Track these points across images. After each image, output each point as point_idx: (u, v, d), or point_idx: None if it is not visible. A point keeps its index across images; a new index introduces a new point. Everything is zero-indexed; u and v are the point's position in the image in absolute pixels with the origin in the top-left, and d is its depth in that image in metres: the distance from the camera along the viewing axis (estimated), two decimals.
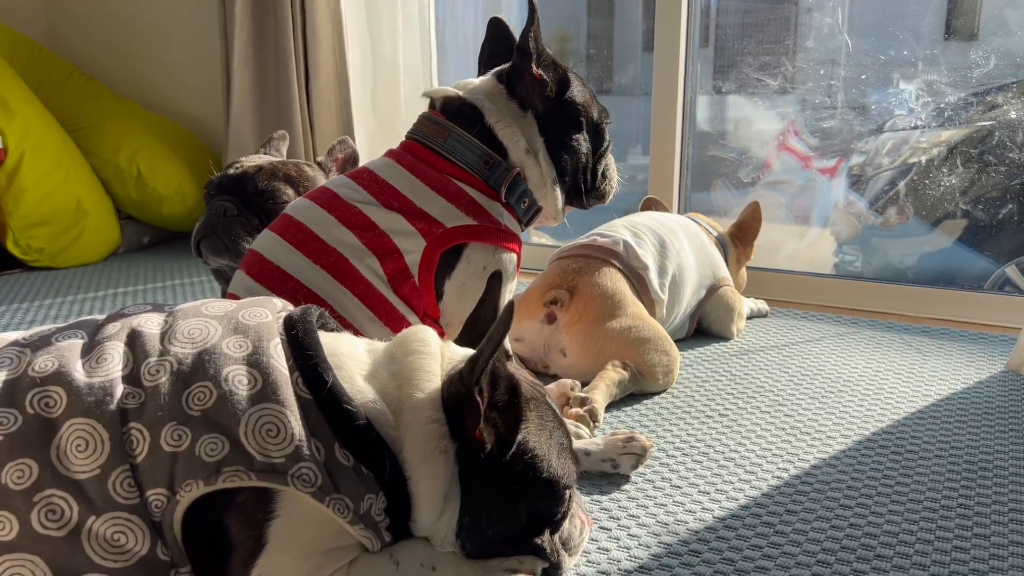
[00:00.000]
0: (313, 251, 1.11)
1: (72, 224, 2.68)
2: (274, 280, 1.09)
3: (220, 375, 0.76)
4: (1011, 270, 2.76)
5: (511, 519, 0.84)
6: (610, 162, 1.38)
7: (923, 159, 2.95)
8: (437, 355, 0.86)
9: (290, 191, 1.48)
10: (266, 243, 1.14)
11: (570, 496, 0.89)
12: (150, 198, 2.87)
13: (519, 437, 0.82)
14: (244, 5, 2.72)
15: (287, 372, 0.78)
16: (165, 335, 0.81)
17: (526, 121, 1.26)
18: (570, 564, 0.92)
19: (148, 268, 2.72)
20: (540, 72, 1.26)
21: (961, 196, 2.86)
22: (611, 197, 1.41)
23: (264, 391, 0.75)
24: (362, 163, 1.70)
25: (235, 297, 1.09)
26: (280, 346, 0.80)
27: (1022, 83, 2.71)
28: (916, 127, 2.99)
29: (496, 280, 1.11)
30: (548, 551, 0.87)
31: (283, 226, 1.15)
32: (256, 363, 0.77)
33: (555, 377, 1.62)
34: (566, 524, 0.90)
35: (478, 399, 0.79)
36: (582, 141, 1.31)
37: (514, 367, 0.88)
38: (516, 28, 1.31)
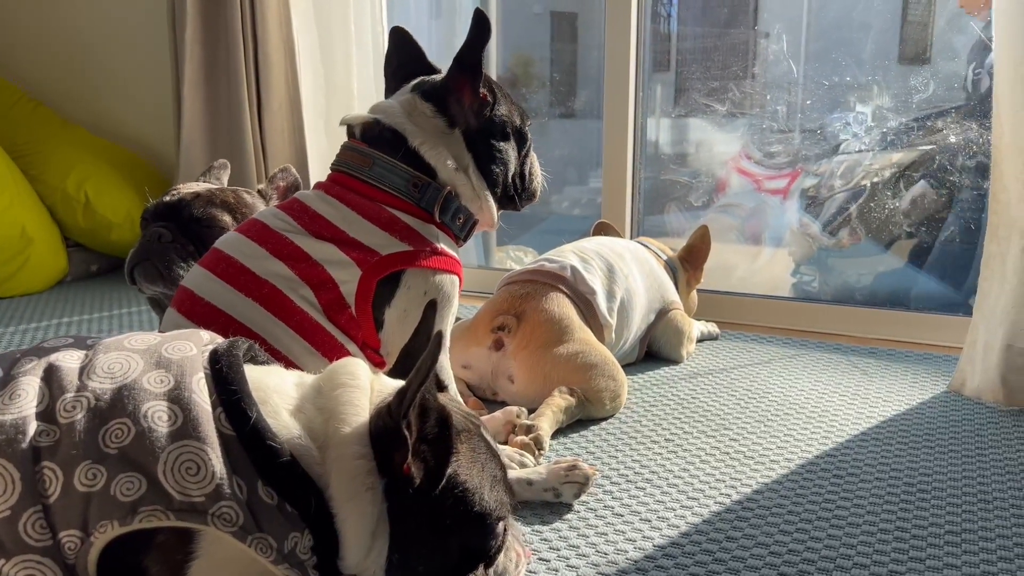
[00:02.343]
0: (245, 284, 1.09)
1: (16, 253, 2.62)
2: (205, 316, 1.07)
3: (139, 411, 0.74)
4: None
5: (442, 554, 0.82)
6: (533, 160, 1.38)
7: (875, 180, 3.01)
8: (366, 388, 0.85)
9: (227, 218, 1.46)
10: (196, 279, 1.12)
11: (504, 529, 0.88)
12: (98, 225, 2.83)
13: (449, 471, 0.81)
14: (194, 31, 2.70)
15: (209, 408, 0.76)
16: (84, 370, 0.78)
17: (453, 138, 1.24)
18: None
19: (96, 297, 2.67)
20: (486, 92, 1.26)
21: (906, 218, 2.91)
22: (540, 193, 1.41)
23: (184, 427, 0.74)
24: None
25: None
26: (203, 381, 0.78)
27: (962, 108, 2.77)
28: (868, 150, 3.05)
29: (431, 310, 1.10)
30: None
31: (213, 261, 1.13)
32: (177, 398, 0.76)
33: (503, 404, 1.61)
34: (501, 558, 0.89)
35: (405, 433, 0.78)
36: (509, 150, 1.31)
37: (447, 398, 0.87)
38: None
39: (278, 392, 0.82)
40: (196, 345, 0.83)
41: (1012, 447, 1.43)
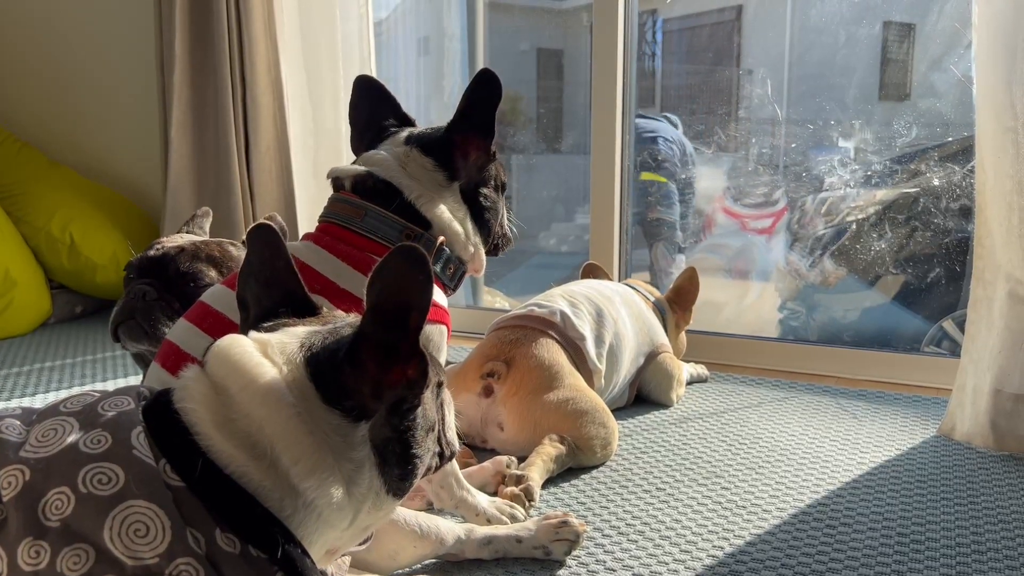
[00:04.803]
0: None
1: None
2: None
3: (77, 477, 0.70)
4: (948, 324, 2.84)
5: (428, 442, 0.82)
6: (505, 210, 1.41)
7: (860, 217, 3.04)
8: (265, 364, 0.77)
9: (213, 273, 1.45)
10: (181, 333, 1.11)
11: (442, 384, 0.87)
12: (83, 267, 2.81)
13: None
14: (183, 72, 2.71)
15: (153, 462, 0.72)
16: (23, 443, 0.76)
17: (450, 190, 1.25)
18: (456, 441, 0.90)
19: (80, 339, 2.64)
20: (495, 149, 1.26)
21: (892, 257, 2.94)
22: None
23: (127, 488, 0.70)
24: (300, 232, 1.67)
25: None
26: (143, 434, 0.74)
27: (944, 147, 2.81)
28: (854, 187, 3.07)
29: (273, 234, 0.87)
30: (444, 450, 0.87)
31: (199, 315, 1.12)
32: (116, 457, 0.72)
33: (493, 452, 1.59)
34: (448, 414, 0.88)
35: (423, 350, 0.76)
36: (499, 201, 1.33)
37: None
38: (457, 94, 1.30)
39: (211, 421, 0.75)
40: (133, 399, 0.79)
41: (1004, 494, 1.43)
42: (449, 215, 1.24)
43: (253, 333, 0.81)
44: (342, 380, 0.75)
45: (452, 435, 0.89)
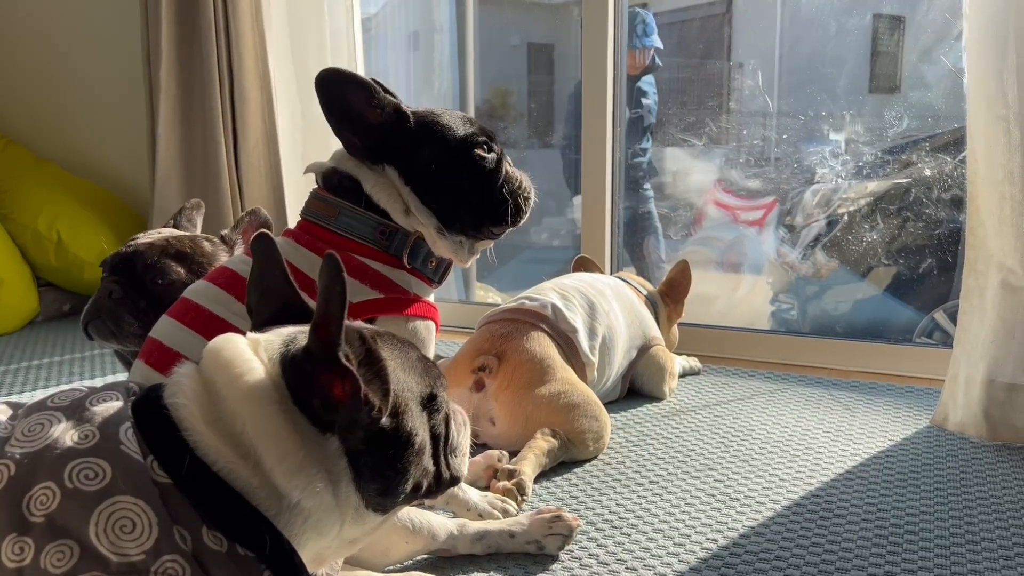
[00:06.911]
0: (214, 332, 1.05)
1: None
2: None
3: (63, 472, 0.69)
4: (939, 315, 2.84)
5: (414, 459, 0.79)
6: (511, 175, 1.24)
7: (851, 209, 3.03)
8: (254, 362, 0.76)
9: (181, 269, 1.41)
10: (164, 329, 1.09)
11: (444, 399, 0.84)
12: (71, 264, 2.78)
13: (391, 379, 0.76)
14: (169, 68, 2.68)
15: (141, 457, 0.71)
16: (8, 437, 0.74)
17: (387, 178, 1.17)
18: (464, 469, 0.87)
19: (68, 337, 2.61)
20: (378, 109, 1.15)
21: (884, 249, 2.94)
22: (529, 208, 1.28)
23: (114, 483, 0.69)
24: (290, 225, 1.65)
25: None
26: (131, 430, 0.73)
27: (935, 138, 2.81)
28: (845, 179, 3.07)
29: (270, 245, 0.88)
30: (442, 472, 0.83)
31: (181, 310, 1.10)
32: (104, 452, 0.71)
33: (484, 446, 1.58)
34: (452, 429, 0.86)
35: (346, 364, 0.72)
36: (449, 173, 1.18)
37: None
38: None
39: (200, 417, 0.74)
40: (122, 394, 0.78)
41: (998, 484, 1.42)
42: (402, 204, 1.19)
43: (249, 333, 0.80)
44: (300, 386, 0.74)
45: (458, 461, 0.86)
